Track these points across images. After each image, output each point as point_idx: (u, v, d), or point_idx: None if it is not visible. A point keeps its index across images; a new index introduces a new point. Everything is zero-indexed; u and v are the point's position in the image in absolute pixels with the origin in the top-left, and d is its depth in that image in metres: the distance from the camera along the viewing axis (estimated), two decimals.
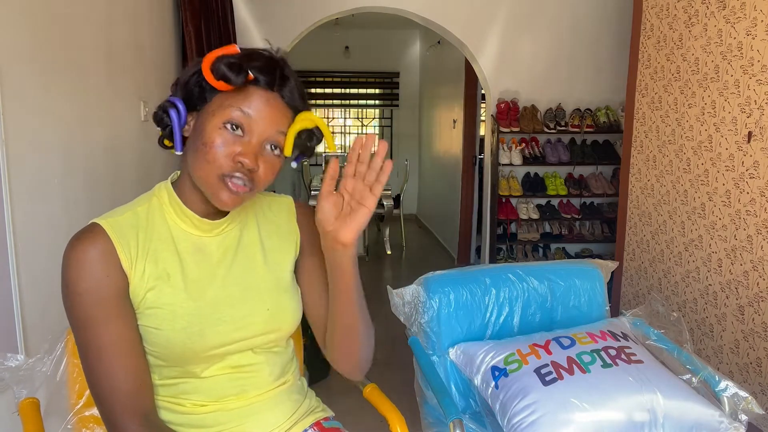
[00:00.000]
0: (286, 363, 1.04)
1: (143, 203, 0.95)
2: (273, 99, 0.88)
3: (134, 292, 0.88)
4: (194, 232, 0.94)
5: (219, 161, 0.85)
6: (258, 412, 0.98)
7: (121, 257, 0.87)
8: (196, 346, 0.90)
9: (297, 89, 0.91)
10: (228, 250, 0.96)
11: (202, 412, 0.94)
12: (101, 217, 0.90)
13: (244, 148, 0.86)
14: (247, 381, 0.97)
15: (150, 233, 0.91)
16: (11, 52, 1.55)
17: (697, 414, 1.42)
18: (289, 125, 0.90)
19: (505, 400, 1.46)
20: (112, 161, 2.25)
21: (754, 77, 2.17)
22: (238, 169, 0.85)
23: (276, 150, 0.89)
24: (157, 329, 0.88)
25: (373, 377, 1.28)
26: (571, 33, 4.23)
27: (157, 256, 0.90)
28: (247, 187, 0.87)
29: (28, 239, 1.62)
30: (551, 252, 4.46)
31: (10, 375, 1.07)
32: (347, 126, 8.16)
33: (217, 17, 3.26)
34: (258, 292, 0.96)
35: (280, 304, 0.98)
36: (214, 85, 0.85)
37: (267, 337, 0.97)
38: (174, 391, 0.94)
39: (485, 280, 1.77)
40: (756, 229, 2.17)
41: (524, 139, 4.23)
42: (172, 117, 0.89)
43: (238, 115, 0.86)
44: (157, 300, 0.89)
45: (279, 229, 1.04)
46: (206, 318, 0.91)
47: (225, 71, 0.84)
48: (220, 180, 0.86)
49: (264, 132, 0.87)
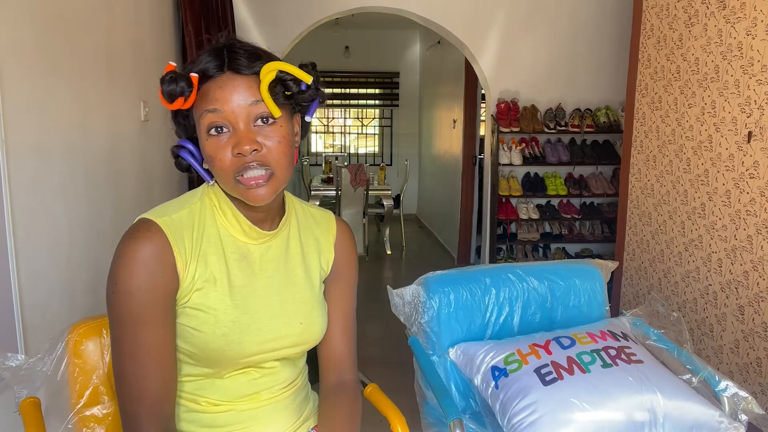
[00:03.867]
0: (300, 368, 1.06)
1: (195, 201, 0.93)
2: (228, 79, 0.84)
3: (182, 292, 0.87)
4: (241, 238, 0.93)
5: (225, 166, 0.85)
6: (267, 415, 0.98)
7: (177, 258, 0.85)
8: (233, 353, 0.89)
9: (250, 54, 0.86)
10: (271, 261, 0.96)
11: (215, 412, 0.94)
12: (154, 214, 0.88)
13: (235, 140, 0.84)
14: (263, 384, 0.97)
15: (201, 233, 0.90)
16: (11, 52, 1.55)
17: (697, 414, 1.42)
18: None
19: (505, 400, 1.46)
20: (112, 161, 2.25)
21: (754, 77, 2.17)
22: (244, 161, 0.84)
23: (267, 121, 0.86)
24: (197, 331, 0.87)
25: (374, 377, 1.28)
26: (571, 33, 4.23)
27: (207, 259, 0.89)
28: (263, 172, 0.85)
29: (28, 239, 1.62)
30: (551, 252, 4.46)
31: (11, 374, 1.07)
32: (347, 126, 8.16)
33: (217, 17, 3.26)
34: (294, 305, 0.97)
35: (312, 318, 0.98)
36: (172, 107, 0.84)
37: (295, 349, 0.98)
38: (191, 387, 0.94)
39: (485, 280, 1.77)
40: (756, 229, 2.17)
41: (524, 139, 4.23)
42: (187, 158, 0.90)
43: (210, 117, 0.84)
44: (202, 302, 0.88)
45: (318, 244, 1.04)
46: (246, 327, 0.90)
47: (167, 89, 0.82)
48: (236, 182, 0.85)
49: (240, 114, 0.84)
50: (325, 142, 8.20)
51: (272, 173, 0.86)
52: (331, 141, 8.24)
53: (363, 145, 8.23)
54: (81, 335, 1.07)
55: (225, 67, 0.84)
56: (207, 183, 0.93)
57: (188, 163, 0.91)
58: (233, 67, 0.85)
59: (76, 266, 1.89)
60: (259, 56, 0.87)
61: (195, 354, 0.89)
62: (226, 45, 0.87)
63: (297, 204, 1.06)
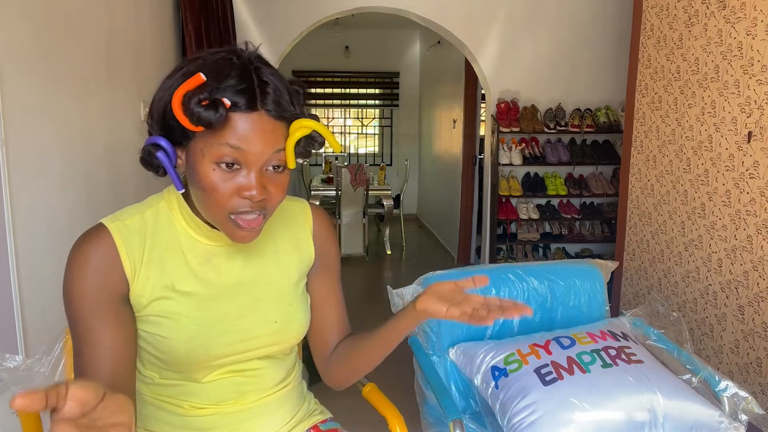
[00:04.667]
0: (289, 367, 1.03)
1: (152, 206, 0.90)
2: (258, 120, 0.78)
3: (137, 300, 0.86)
4: (205, 240, 0.91)
5: (224, 202, 0.80)
6: (256, 416, 0.97)
7: (124, 263, 0.84)
8: (199, 357, 0.88)
9: (282, 95, 0.80)
10: (239, 261, 0.93)
11: (200, 415, 0.93)
12: (110, 218, 0.87)
13: (245, 181, 0.79)
14: (249, 386, 0.96)
15: (157, 240, 0.88)
16: (11, 52, 1.55)
17: (697, 414, 1.42)
18: (286, 138, 0.81)
19: (505, 400, 1.46)
20: (112, 161, 2.25)
21: (754, 77, 2.17)
22: (245, 205, 0.80)
23: (279, 168, 0.82)
24: (162, 337, 0.87)
25: (373, 377, 1.28)
26: (571, 33, 4.23)
27: (163, 265, 0.87)
28: (261, 216, 0.82)
29: (28, 239, 1.62)
30: (551, 252, 4.45)
31: (9, 375, 1.07)
32: (347, 126, 8.16)
33: (217, 17, 3.26)
34: (267, 303, 0.94)
35: (289, 315, 0.95)
36: (193, 129, 0.77)
37: (272, 348, 0.95)
38: (173, 392, 0.93)
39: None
40: (756, 229, 2.17)
41: (524, 139, 4.23)
42: (163, 160, 0.82)
43: (227, 151, 0.77)
44: (163, 309, 0.86)
45: (293, 236, 1.00)
46: (212, 329, 0.89)
47: (202, 115, 0.75)
48: (231, 221, 0.82)
49: (260, 158, 0.79)
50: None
51: (266, 215, 0.83)
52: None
53: (363, 145, 8.23)
54: None
55: (257, 104, 0.78)
56: (177, 190, 0.85)
57: (160, 163, 0.84)
58: (266, 106, 0.78)
59: None
60: (291, 98, 0.82)
61: (164, 359, 0.88)
62: (254, 69, 0.79)
63: None
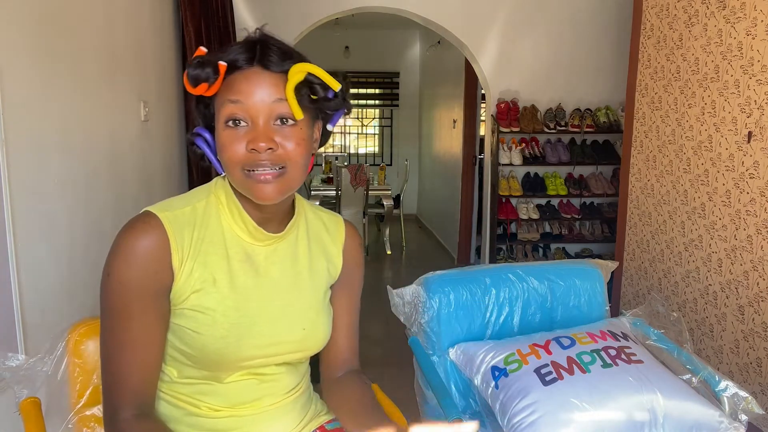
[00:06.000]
0: (302, 373, 1.04)
1: (201, 198, 0.91)
2: (255, 74, 0.83)
3: (178, 291, 0.86)
4: (246, 238, 0.91)
5: (236, 158, 0.83)
6: (269, 420, 0.97)
7: (173, 255, 0.84)
8: (230, 356, 0.88)
9: (283, 52, 0.85)
10: (276, 264, 0.94)
11: (216, 417, 0.93)
12: (158, 208, 0.87)
13: (252, 135, 0.82)
14: (265, 390, 0.96)
15: (203, 233, 0.88)
16: (11, 52, 1.55)
17: (697, 414, 1.42)
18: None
19: (505, 400, 1.46)
20: (113, 161, 2.25)
21: (754, 77, 2.17)
22: (256, 158, 0.82)
23: (288, 121, 0.84)
24: (195, 332, 0.86)
25: (373, 377, 1.28)
26: (571, 33, 4.23)
27: (206, 258, 0.87)
28: (276, 170, 0.83)
29: (28, 239, 1.62)
30: (551, 252, 4.46)
31: (11, 375, 1.07)
32: (347, 126, 8.16)
33: (217, 17, 3.26)
34: (298, 310, 0.95)
35: (316, 324, 0.97)
36: (194, 92, 0.84)
37: (297, 355, 0.96)
38: (191, 391, 0.93)
39: (485, 280, 1.76)
40: (756, 229, 2.17)
41: (524, 139, 4.23)
42: (202, 146, 0.90)
43: (230, 107, 0.83)
44: (200, 303, 0.86)
45: (326, 249, 1.02)
46: (246, 330, 0.89)
47: (192, 73, 0.82)
48: (245, 176, 0.83)
49: (261, 109, 0.83)
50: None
51: (285, 171, 0.84)
52: (331, 141, 8.22)
53: (363, 145, 8.23)
54: (81, 335, 1.07)
55: (255, 61, 0.84)
56: (220, 176, 0.92)
57: (202, 151, 0.91)
58: (263, 62, 0.84)
59: (76, 266, 1.88)
60: (291, 55, 0.86)
61: (193, 356, 0.88)
62: (259, 39, 0.86)
63: (307, 207, 1.04)
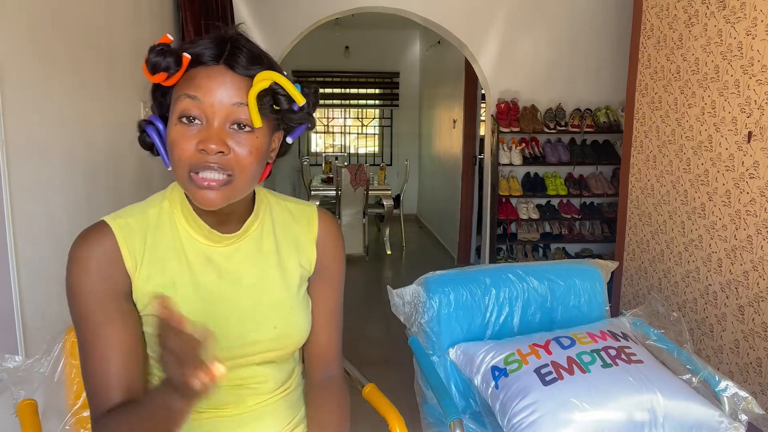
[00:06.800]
0: (289, 371, 1.02)
1: (155, 205, 0.90)
2: (219, 72, 0.79)
3: (138, 296, 0.85)
4: (204, 241, 0.89)
5: (184, 156, 0.78)
6: (255, 420, 0.95)
7: (126, 260, 0.83)
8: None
9: (253, 55, 0.81)
10: (239, 264, 0.91)
11: (199, 419, 0.92)
12: (112, 216, 0.86)
13: (204, 134, 0.78)
14: (248, 390, 0.94)
15: (157, 239, 0.87)
16: (11, 52, 1.55)
17: (697, 414, 1.42)
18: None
19: (505, 400, 1.46)
20: (112, 161, 2.25)
21: (754, 77, 2.17)
22: (204, 159, 0.78)
23: (245, 127, 0.79)
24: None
25: (373, 377, 1.28)
26: (571, 33, 4.23)
27: (165, 265, 0.86)
28: (223, 176, 0.79)
29: (28, 239, 1.61)
30: (551, 252, 4.45)
31: (8, 376, 1.07)
32: (347, 126, 8.16)
33: (217, 17, 3.26)
34: (267, 309, 0.92)
35: (289, 322, 0.93)
36: (152, 80, 0.79)
37: (272, 354, 0.94)
38: None
39: (485, 280, 1.76)
40: (756, 229, 2.17)
41: (524, 139, 4.23)
42: (151, 135, 0.84)
43: (186, 102, 0.78)
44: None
45: (296, 241, 0.97)
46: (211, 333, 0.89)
47: (152, 60, 0.77)
48: (190, 179, 0.79)
49: (218, 110, 0.78)
50: (325, 142, 8.20)
51: (231, 179, 0.79)
52: (331, 141, 8.24)
53: (363, 145, 8.23)
54: None
55: (221, 59, 0.79)
56: (166, 167, 0.86)
57: (152, 141, 0.85)
58: (230, 61, 0.79)
59: None
60: (260, 60, 0.82)
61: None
62: (231, 37, 0.82)
63: (273, 200, 0.99)
